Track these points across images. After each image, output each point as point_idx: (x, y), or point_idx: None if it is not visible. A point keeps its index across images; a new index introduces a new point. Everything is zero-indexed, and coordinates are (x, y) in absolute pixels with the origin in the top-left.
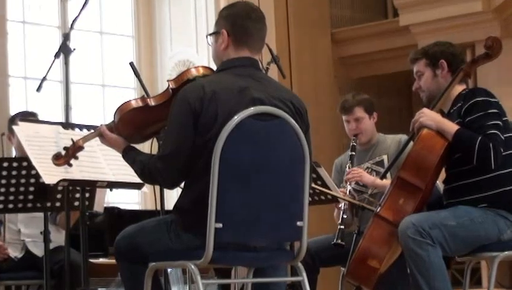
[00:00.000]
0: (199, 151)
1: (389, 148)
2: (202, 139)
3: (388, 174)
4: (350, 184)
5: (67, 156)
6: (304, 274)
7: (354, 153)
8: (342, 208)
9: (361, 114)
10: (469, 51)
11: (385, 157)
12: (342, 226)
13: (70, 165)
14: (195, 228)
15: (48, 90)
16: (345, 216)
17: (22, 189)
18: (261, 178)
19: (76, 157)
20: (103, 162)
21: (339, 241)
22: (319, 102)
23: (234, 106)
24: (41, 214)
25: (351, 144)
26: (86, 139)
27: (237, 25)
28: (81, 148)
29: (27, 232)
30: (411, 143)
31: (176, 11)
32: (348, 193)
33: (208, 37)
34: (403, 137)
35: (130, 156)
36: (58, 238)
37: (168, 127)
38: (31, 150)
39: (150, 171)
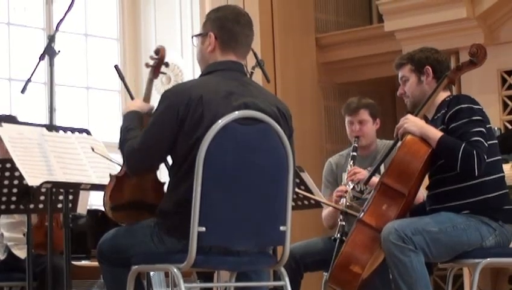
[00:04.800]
0: (184, 154)
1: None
2: (187, 143)
3: None
4: (353, 182)
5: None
6: (287, 279)
7: (355, 154)
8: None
9: (366, 117)
10: (453, 58)
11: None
12: (344, 223)
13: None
14: (178, 232)
15: (33, 92)
16: (341, 216)
17: (5, 191)
18: (244, 182)
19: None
20: (87, 165)
21: (339, 235)
22: (303, 107)
23: (220, 110)
24: (24, 219)
25: (353, 145)
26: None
27: (225, 30)
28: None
29: (9, 236)
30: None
31: (161, 14)
32: (349, 191)
33: (194, 37)
34: None
35: (131, 123)
36: None
37: (149, 122)
38: (15, 152)
39: (122, 149)
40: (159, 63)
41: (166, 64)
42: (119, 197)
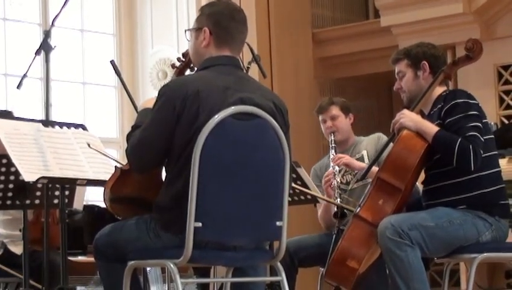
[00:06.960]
0: (180, 149)
1: (367, 146)
2: (184, 138)
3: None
4: (339, 166)
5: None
6: (283, 274)
7: (335, 145)
8: (335, 183)
9: (336, 112)
10: (449, 53)
11: (364, 152)
12: (339, 199)
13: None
14: (175, 227)
15: (29, 88)
16: (338, 198)
17: (1, 186)
18: (241, 177)
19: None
20: (83, 160)
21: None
22: (300, 102)
23: (216, 104)
24: (20, 215)
25: (330, 138)
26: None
27: (220, 26)
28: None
29: (5, 233)
30: (391, 144)
31: (157, 9)
32: (337, 172)
33: (187, 31)
34: (381, 134)
35: (142, 121)
36: None
37: (147, 120)
38: (11, 147)
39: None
40: (185, 65)
41: (192, 69)
42: (119, 190)
